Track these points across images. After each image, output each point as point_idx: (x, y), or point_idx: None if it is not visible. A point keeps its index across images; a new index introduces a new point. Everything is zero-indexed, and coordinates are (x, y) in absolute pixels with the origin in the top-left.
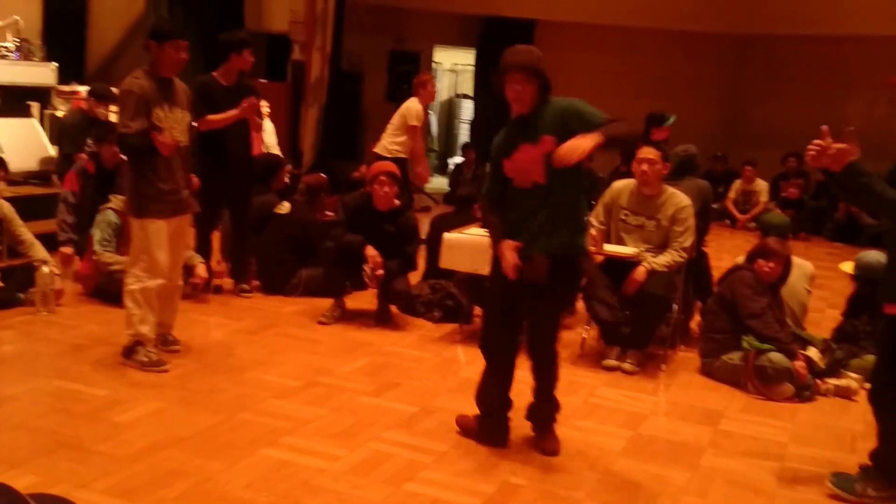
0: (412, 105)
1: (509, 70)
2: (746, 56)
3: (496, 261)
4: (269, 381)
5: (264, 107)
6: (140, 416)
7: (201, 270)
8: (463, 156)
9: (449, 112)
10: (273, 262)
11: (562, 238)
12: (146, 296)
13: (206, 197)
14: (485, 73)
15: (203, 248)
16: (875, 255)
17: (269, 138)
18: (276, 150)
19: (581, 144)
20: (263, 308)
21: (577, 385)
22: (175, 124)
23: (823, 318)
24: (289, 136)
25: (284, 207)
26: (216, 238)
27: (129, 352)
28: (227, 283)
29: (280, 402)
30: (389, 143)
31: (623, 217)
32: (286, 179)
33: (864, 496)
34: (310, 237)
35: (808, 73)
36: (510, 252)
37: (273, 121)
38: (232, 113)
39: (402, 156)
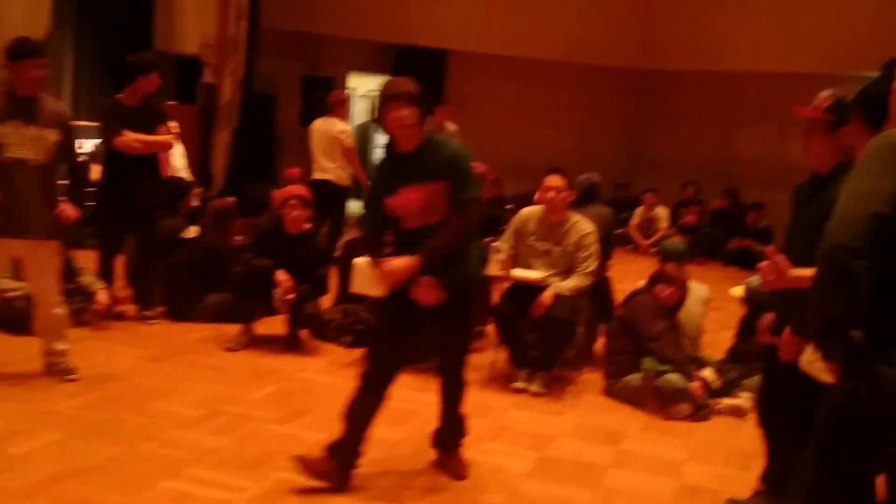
0: (341, 126)
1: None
2: (647, 89)
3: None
4: (173, 410)
5: (174, 128)
6: (37, 447)
7: (102, 297)
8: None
9: (364, 137)
10: (179, 288)
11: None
12: None
13: (110, 220)
14: None
15: (105, 273)
16: None
17: (178, 161)
18: (186, 174)
19: (401, 269)
20: (168, 335)
21: (486, 408)
22: (25, 141)
23: (718, 339)
24: (199, 159)
25: (192, 231)
26: (119, 262)
27: None
28: (131, 309)
29: (183, 432)
30: (335, 168)
31: (531, 243)
32: (195, 203)
33: None
34: (218, 262)
35: (704, 107)
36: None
37: (183, 143)
38: (153, 138)
39: (345, 183)
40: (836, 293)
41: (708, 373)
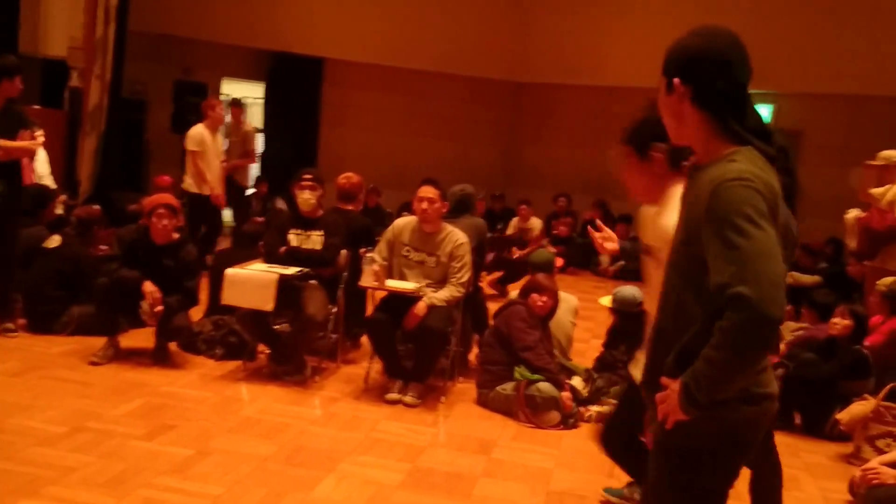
0: (190, 131)
1: None
2: (521, 102)
3: None
4: (32, 427)
5: (39, 135)
6: None
7: None
8: (255, 188)
9: None
10: (41, 299)
11: None
12: None
13: None
14: (274, 107)
15: None
16: (630, 290)
17: (41, 168)
18: (50, 181)
19: None
20: (29, 348)
21: (359, 420)
22: None
23: (588, 347)
24: (65, 165)
25: (54, 241)
26: None
27: None
28: None
29: (43, 449)
30: (188, 177)
31: (405, 253)
32: (59, 211)
33: (631, 499)
34: (82, 272)
35: (575, 120)
36: None
37: (48, 149)
38: (14, 144)
39: (196, 191)
40: (753, 364)
41: (577, 381)
